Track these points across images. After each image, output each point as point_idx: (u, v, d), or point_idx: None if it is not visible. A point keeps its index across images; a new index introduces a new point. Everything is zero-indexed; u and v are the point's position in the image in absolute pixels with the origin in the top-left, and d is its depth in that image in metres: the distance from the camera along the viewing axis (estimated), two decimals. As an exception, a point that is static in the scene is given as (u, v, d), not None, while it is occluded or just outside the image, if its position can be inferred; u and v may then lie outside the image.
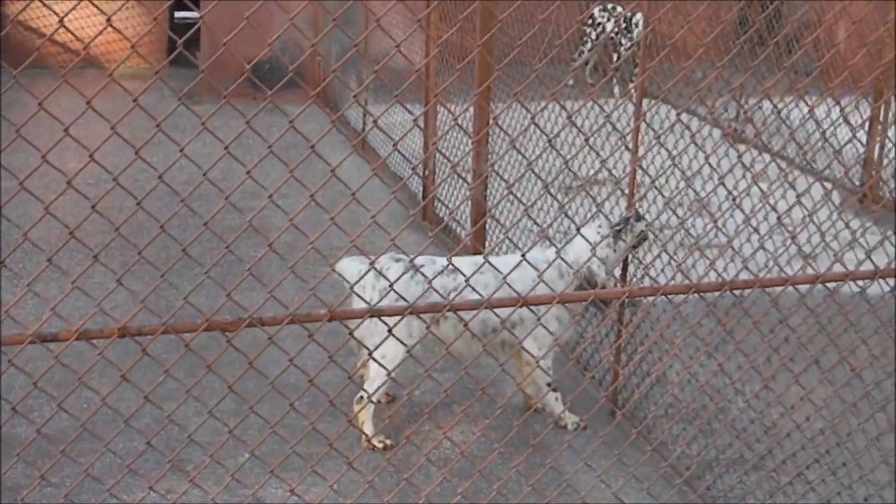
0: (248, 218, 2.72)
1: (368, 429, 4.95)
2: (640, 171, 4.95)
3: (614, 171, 6.22)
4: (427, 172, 8.20)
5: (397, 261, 4.93)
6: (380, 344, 3.39)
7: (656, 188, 3.81)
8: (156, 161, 8.89)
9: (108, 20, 2.21)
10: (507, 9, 3.53)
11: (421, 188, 8.64)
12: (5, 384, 4.46)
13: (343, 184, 3.20)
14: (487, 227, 7.34)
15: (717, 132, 7.41)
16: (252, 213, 2.72)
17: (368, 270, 3.40)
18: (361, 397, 4.94)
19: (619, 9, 13.11)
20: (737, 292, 3.55)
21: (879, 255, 3.54)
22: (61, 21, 2.26)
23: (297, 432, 4.73)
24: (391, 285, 3.23)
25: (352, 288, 3.04)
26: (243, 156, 9.02)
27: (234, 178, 10.09)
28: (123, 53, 13.38)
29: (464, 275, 3.29)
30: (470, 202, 7.40)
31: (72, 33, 3.68)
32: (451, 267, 4.80)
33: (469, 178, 7.23)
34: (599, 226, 5.06)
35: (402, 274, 4.71)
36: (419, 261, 4.83)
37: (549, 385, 5.12)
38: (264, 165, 3.13)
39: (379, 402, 5.21)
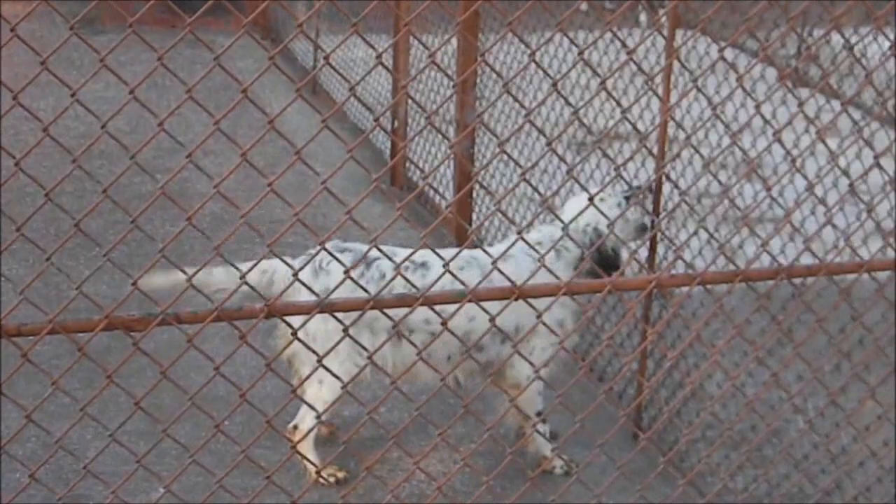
0: (161, 183, 2.71)
1: (313, 458, 4.91)
2: (671, 124, 4.96)
3: (639, 124, 6.22)
4: (396, 124, 8.19)
5: (343, 251, 4.65)
6: (326, 354, 3.27)
7: (692, 146, 3.82)
8: (44, 108, 8.88)
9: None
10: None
11: (389, 145, 8.63)
12: None
13: (286, 139, 3.19)
14: (474, 195, 7.34)
15: (771, 73, 7.43)
16: (168, 175, 2.71)
17: (309, 261, 3.37)
18: (296, 426, 4.91)
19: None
20: (797, 281, 3.57)
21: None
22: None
23: (227, 461, 4.73)
24: (347, 271, 3.21)
25: (296, 275, 3.03)
26: (158, 101, 8.99)
27: (145, 130, 10.01)
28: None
29: (443, 258, 3.26)
30: (452, 163, 7.39)
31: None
32: (418, 261, 4.69)
33: (451, 133, 7.22)
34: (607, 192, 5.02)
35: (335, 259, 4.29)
36: (373, 254, 4.31)
37: (538, 415, 5.07)
38: (185, 114, 3.09)
39: (320, 430, 5.10)
